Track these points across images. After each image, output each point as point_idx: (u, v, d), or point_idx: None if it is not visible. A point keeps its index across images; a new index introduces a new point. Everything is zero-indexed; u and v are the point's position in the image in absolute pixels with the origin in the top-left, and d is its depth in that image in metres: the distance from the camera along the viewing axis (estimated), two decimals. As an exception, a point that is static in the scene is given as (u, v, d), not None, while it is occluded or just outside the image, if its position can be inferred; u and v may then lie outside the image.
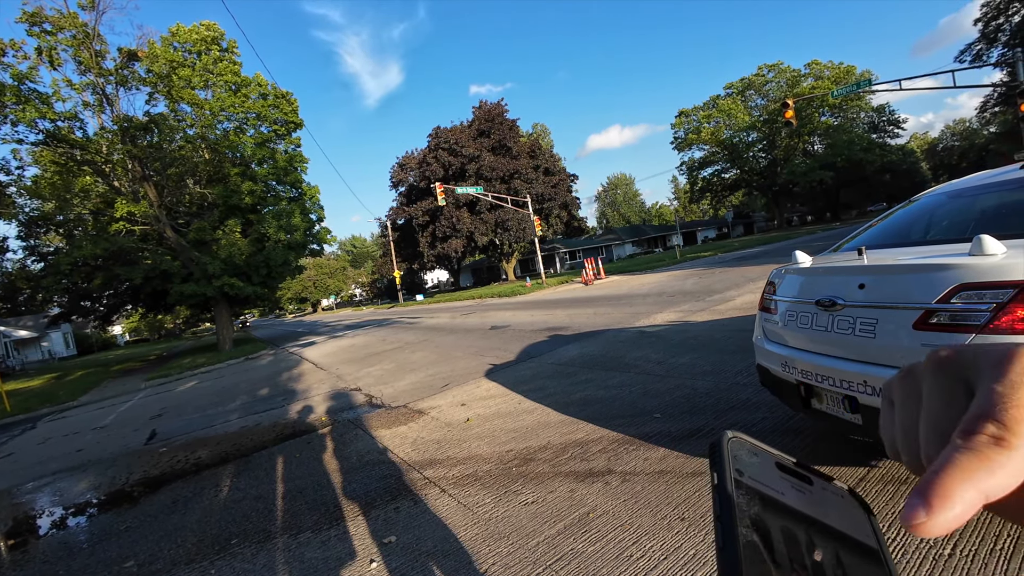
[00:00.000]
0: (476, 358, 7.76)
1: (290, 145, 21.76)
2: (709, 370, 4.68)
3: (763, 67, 49.71)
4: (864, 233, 3.03)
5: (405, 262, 49.11)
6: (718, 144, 50.91)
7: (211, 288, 17.89)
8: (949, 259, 1.93)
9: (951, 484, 0.22)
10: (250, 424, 6.11)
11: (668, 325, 7.57)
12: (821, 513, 0.28)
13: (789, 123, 18.27)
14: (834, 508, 0.29)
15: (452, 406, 5.13)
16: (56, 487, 4.99)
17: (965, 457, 0.23)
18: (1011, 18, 31.22)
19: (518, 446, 3.66)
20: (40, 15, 15.77)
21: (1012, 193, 2.50)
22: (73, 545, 3.44)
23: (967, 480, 0.22)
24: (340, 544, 2.68)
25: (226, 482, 4.09)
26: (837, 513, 0.29)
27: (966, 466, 0.22)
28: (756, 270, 13.23)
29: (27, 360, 39.87)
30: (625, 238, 60.78)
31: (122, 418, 8.65)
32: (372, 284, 78.53)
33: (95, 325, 28.88)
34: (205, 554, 2.88)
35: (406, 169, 44.43)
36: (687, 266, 21.16)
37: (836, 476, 1.48)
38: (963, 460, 0.23)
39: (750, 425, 3.29)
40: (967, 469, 0.22)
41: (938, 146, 78.87)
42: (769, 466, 0.29)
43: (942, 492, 0.22)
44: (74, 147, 16.87)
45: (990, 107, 38.94)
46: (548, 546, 2.30)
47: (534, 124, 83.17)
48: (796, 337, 2.49)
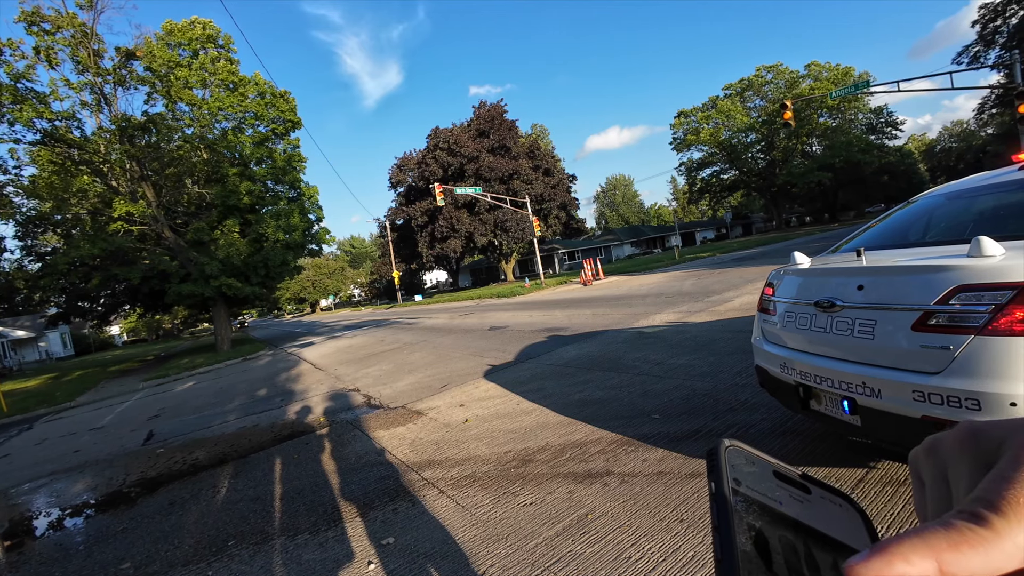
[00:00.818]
0: (475, 359, 7.75)
1: (288, 145, 21.73)
2: (708, 371, 4.68)
3: (762, 68, 49.77)
4: (863, 234, 3.03)
5: (404, 262, 49.08)
6: (717, 145, 50.97)
7: (209, 288, 17.85)
8: (948, 260, 1.93)
9: (904, 545, 0.20)
10: (248, 425, 6.09)
11: (667, 326, 7.58)
12: (819, 522, 0.28)
13: (788, 124, 18.33)
14: (832, 517, 0.28)
15: (451, 407, 5.12)
16: (53, 488, 4.97)
17: (935, 528, 0.21)
18: (1008, 20, 31.32)
19: (517, 447, 3.66)
20: (38, 14, 15.75)
21: (1010, 194, 2.50)
22: (69, 547, 3.42)
23: (925, 548, 0.20)
24: (338, 546, 2.67)
25: (224, 483, 4.07)
26: (835, 522, 0.28)
27: (931, 537, 0.20)
28: (754, 271, 13.24)
29: (24, 360, 39.71)
30: (624, 239, 60.84)
31: (119, 419, 8.62)
32: (371, 284, 78.46)
33: (93, 325, 28.81)
34: (202, 556, 2.87)
35: (405, 169, 44.40)
36: (686, 267, 21.19)
37: (834, 477, 1.48)
38: (931, 530, 0.21)
39: (749, 426, 3.28)
40: (931, 540, 0.20)
41: (936, 148, 79.17)
42: (767, 475, 0.29)
43: (889, 548, 0.21)
44: (72, 147, 16.83)
45: (988, 109, 39.09)
46: (546, 548, 2.29)
47: (533, 125, 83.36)
48: (795, 338, 2.49)
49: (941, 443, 0.28)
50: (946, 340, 1.81)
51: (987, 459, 0.24)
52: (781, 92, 48.22)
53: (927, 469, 0.28)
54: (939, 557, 0.20)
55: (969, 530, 0.20)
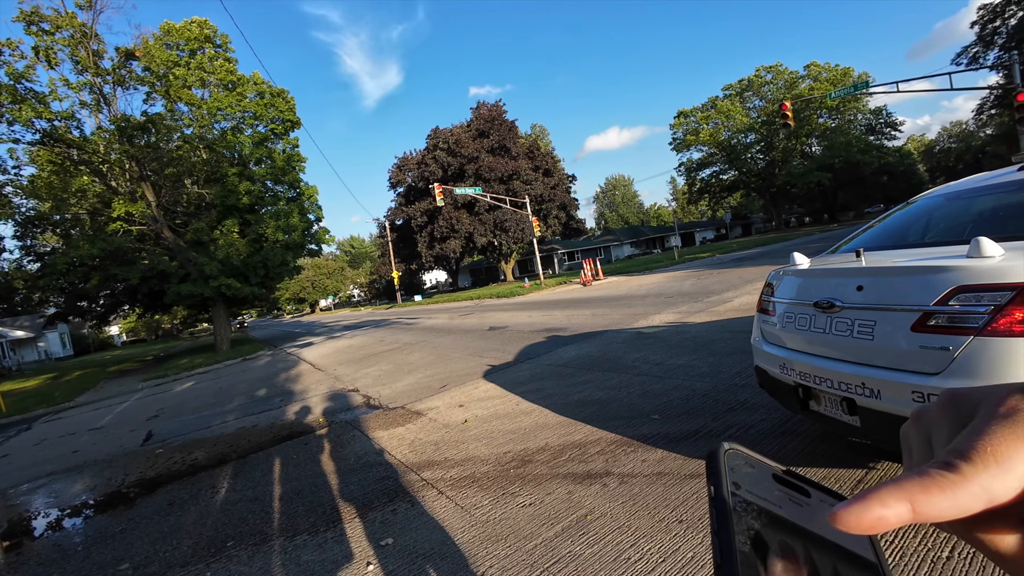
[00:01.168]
0: (474, 359, 7.75)
1: (288, 145, 21.73)
2: (707, 371, 4.68)
3: (761, 68, 49.80)
4: (862, 235, 3.03)
5: (403, 263, 49.06)
6: (716, 145, 50.99)
7: (208, 288, 17.83)
8: (947, 261, 1.93)
9: (882, 491, 0.23)
10: (247, 425, 6.08)
11: (666, 326, 7.57)
12: (819, 526, 0.28)
13: (787, 125, 18.34)
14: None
15: (450, 407, 5.12)
16: (51, 489, 4.96)
17: (911, 476, 0.23)
18: (1007, 21, 31.36)
19: (516, 447, 3.65)
20: (38, 14, 15.73)
21: (1010, 195, 2.50)
22: (68, 547, 3.42)
23: (900, 492, 0.22)
24: (337, 546, 2.66)
25: (223, 484, 4.07)
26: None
27: (906, 483, 0.23)
28: (754, 271, 13.25)
29: (23, 360, 39.67)
30: (623, 239, 60.86)
31: (119, 419, 8.61)
32: (370, 285, 78.43)
33: (92, 325, 28.76)
34: (201, 556, 2.86)
35: (404, 170, 44.38)
36: (685, 267, 21.19)
37: (834, 478, 1.48)
38: (907, 478, 0.23)
39: (748, 427, 3.28)
40: (905, 486, 0.23)
41: (935, 148, 79.30)
42: (766, 478, 0.29)
43: (868, 494, 0.23)
44: (71, 147, 16.80)
45: (987, 110, 39.15)
46: (545, 548, 2.29)
47: (533, 125, 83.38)
48: (794, 339, 2.49)
49: (925, 412, 0.30)
50: (945, 341, 1.81)
51: (966, 421, 0.26)
52: (781, 92, 48.26)
53: (914, 436, 0.30)
54: (912, 499, 0.22)
55: (940, 476, 0.23)
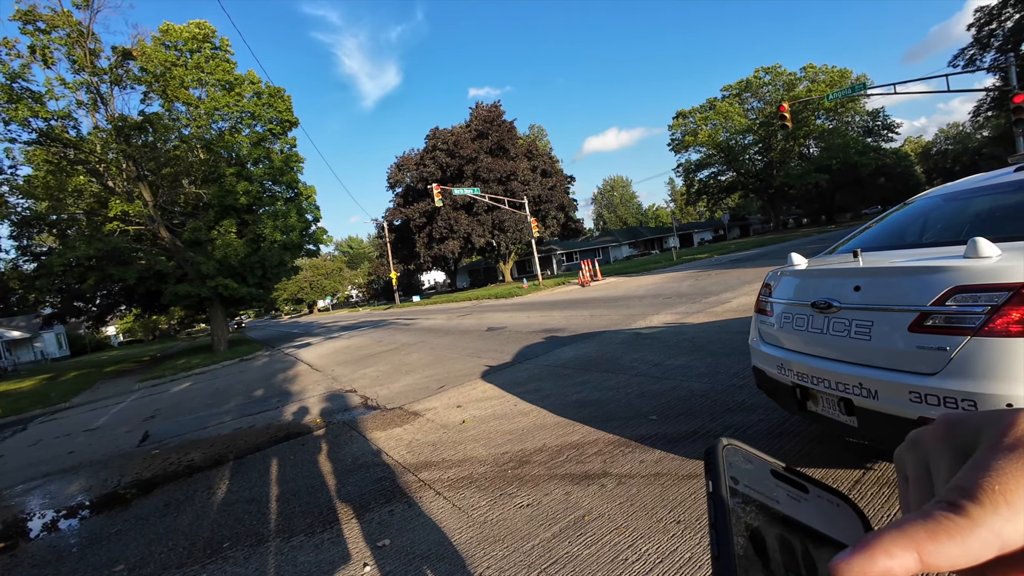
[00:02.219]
0: (472, 360, 7.74)
1: (286, 145, 21.71)
2: (705, 372, 4.68)
3: (760, 70, 49.97)
4: (860, 235, 3.03)
5: (402, 263, 49.03)
6: (715, 146, 51.13)
7: (205, 289, 17.78)
8: (944, 261, 1.93)
9: (886, 539, 0.21)
10: (244, 426, 6.06)
11: (664, 327, 7.58)
12: (817, 521, 0.28)
13: (785, 126, 18.39)
14: (830, 516, 0.29)
15: (448, 408, 5.11)
16: (46, 490, 4.93)
17: (915, 520, 0.21)
18: (1004, 23, 31.52)
19: (514, 448, 3.65)
20: (34, 13, 15.66)
21: (1006, 196, 2.51)
22: (62, 549, 3.39)
23: (905, 540, 0.20)
24: (333, 547, 2.65)
25: (219, 484, 4.05)
26: (833, 521, 0.28)
27: (911, 529, 0.21)
28: (752, 272, 13.27)
29: (19, 361, 39.49)
30: (622, 240, 60.93)
31: (115, 420, 8.57)
32: (368, 285, 78.37)
33: (88, 326, 28.67)
34: (197, 558, 2.85)
35: (403, 170, 44.37)
36: (683, 268, 21.22)
37: (832, 478, 1.47)
38: (911, 522, 0.21)
39: (746, 427, 3.28)
40: (911, 532, 0.21)
41: (932, 150, 79.61)
42: (764, 474, 0.29)
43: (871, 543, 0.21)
44: (68, 146, 16.74)
45: (983, 112, 39.31)
46: (543, 549, 2.28)
47: (531, 126, 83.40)
48: (792, 339, 2.49)
49: (922, 437, 0.28)
50: (943, 341, 1.81)
51: (966, 450, 0.25)
52: (779, 94, 48.44)
53: (910, 463, 0.29)
54: (919, 548, 0.20)
55: (947, 519, 0.21)
